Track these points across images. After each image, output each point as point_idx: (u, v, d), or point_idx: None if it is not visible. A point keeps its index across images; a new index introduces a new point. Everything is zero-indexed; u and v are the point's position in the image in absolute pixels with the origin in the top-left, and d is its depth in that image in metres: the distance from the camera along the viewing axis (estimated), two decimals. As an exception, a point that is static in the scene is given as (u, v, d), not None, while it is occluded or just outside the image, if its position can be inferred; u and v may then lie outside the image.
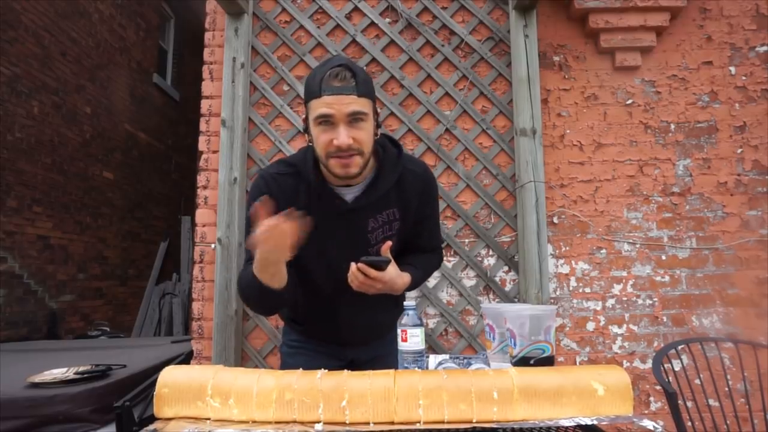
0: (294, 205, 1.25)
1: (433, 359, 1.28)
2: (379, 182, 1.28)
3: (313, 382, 0.92)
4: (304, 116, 1.24)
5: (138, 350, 2.81)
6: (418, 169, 1.36)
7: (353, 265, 1.18)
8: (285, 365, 1.48)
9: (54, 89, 5.22)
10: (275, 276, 1.13)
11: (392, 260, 1.22)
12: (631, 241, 2.43)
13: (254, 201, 1.26)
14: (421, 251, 1.43)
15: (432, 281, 2.41)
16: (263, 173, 1.32)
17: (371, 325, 1.42)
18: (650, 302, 2.40)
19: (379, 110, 1.30)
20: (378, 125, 1.26)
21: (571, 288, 2.41)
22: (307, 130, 1.23)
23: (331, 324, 1.42)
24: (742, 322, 2.36)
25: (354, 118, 1.15)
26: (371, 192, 1.28)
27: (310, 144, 1.23)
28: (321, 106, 1.14)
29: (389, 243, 1.22)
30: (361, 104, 1.15)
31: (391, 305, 1.40)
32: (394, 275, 1.22)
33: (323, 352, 1.46)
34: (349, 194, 1.28)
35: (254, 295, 1.19)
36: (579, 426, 0.92)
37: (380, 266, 1.18)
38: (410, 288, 1.35)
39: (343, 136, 1.14)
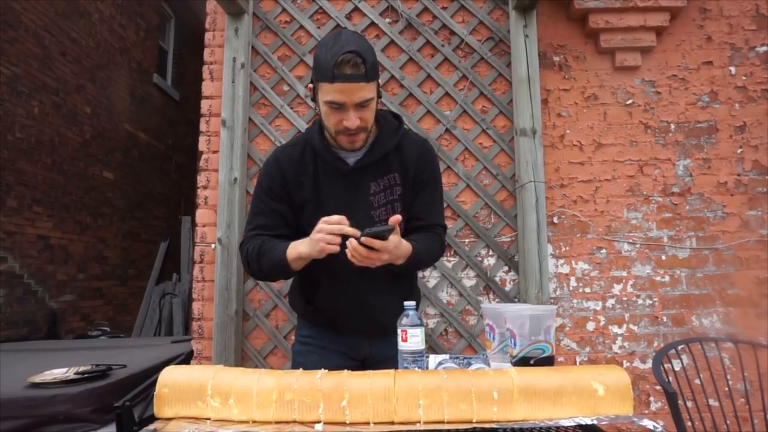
0: (301, 169, 1.39)
1: (433, 359, 1.28)
2: (379, 144, 1.38)
3: (313, 382, 0.93)
4: (310, 86, 1.31)
5: (138, 350, 2.81)
6: (418, 138, 1.48)
7: (352, 241, 1.16)
8: (296, 365, 1.47)
9: (54, 89, 5.22)
10: (303, 265, 1.30)
11: (396, 228, 1.18)
12: (631, 241, 2.43)
13: (266, 176, 1.41)
14: (421, 228, 1.42)
15: (432, 281, 2.41)
16: (275, 150, 1.47)
17: (378, 304, 1.38)
18: (650, 302, 2.40)
19: (380, 82, 1.39)
20: (380, 96, 1.35)
21: (571, 288, 2.41)
22: (314, 100, 1.32)
23: (337, 300, 1.41)
24: (742, 322, 2.36)
25: (362, 104, 1.24)
26: (372, 153, 1.37)
27: (317, 112, 1.33)
28: (333, 92, 1.22)
29: (398, 217, 1.20)
30: (369, 90, 1.24)
31: (402, 285, 1.42)
32: (397, 242, 1.21)
33: (335, 350, 1.46)
34: (351, 157, 1.37)
35: (274, 270, 1.34)
36: (579, 426, 0.92)
37: (383, 236, 1.15)
38: (411, 262, 1.30)
39: (352, 120, 1.25)
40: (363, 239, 1.13)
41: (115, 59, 6.31)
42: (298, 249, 1.25)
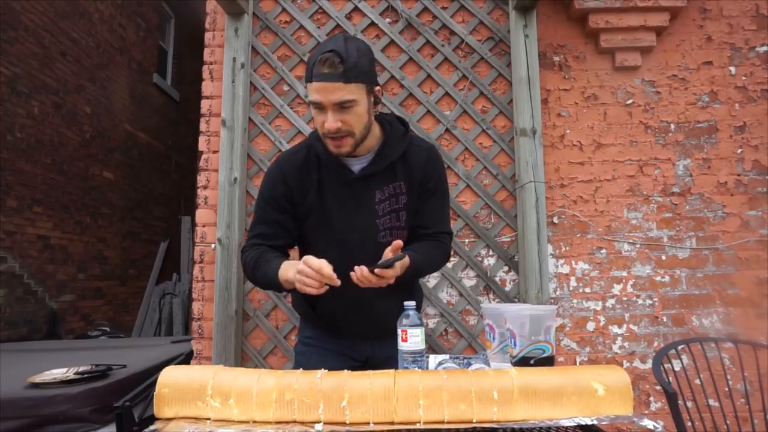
0: (305, 177, 1.36)
1: (433, 359, 1.28)
2: (385, 152, 1.35)
3: (313, 382, 0.93)
4: None
5: (138, 350, 2.81)
6: (424, 144, 1.44)
7: (362, 270, 1.17)
8: (298, 365, 1.47)
9: (54, 89, 5.22)
10: (293, 287, 1.25)
11: (405, 256, 1.22)
12: (631, 241, 2.43)
13: (267, 187, 1.39)
14: (427, 236, 1.41)
15: (432, 281, 2.41)
16: (278, 157, 1.45)
17: (380, 309, 1.38)
18: (650, 302, 2.40)
19: (378, 87, 1.31)
20: (376, 101, 1.30)
21: (571, 288, 2.41)
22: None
23: (339, 306, 1.41)
24: (742, 322, 2.36)
25: (341, 105, 1.21)
26: (377, 162, 1.34)
27: None
28: (312, 92, 1.22)
29: (400, 243, 1.20)
30: (348, 91, 1.19)
31: (404, 291, 1.40)
32: (400, 263, 1.23)
33: (337, 351, 1.46)
34: (356, 165, 1.35)
35: (268, 285, 1.33)
36: (579, 426, 0.92)
37: (392, 266, 1.19)
38: (409, 273, 1.29)
39: (330, 122, 1.21)
40: (378, 272, 1.17)
41: (115, 59, 6.31)
42: (288, 274, 1.22)
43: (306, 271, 1.15)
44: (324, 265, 1.14)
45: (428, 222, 1.41)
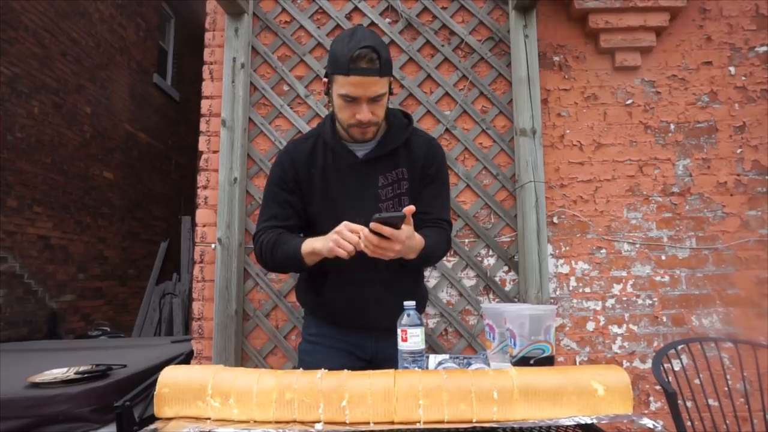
0: (312, 162, 1.43)
1: (433, 359, 1.28)
2: (388, 138, 1.42)
3: (313, 382, 0.93)
4: (325, 80, 1.35)
5: (138, 350, 2.81)
6: (426, 135, 1.53)
7: (364, 230, 1.16)
8: (303, 364, 1.48)
9: (54, 89, 5.22)
10: (317, 260, 1.31)
11: (407, 216, 1.16)
12: (631, 241, 2.43)
13: (276, 170, 1.46)
14: (427, 222, 1.42)
15: (432, 281, 2.41)
16: (287, 143, 1.55)
17: (385, 299, 1.37)
18: (650, 302, 2.40)
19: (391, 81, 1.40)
20: (391, 92, 1.39)
21: (570, 288, 2.41)
22: (328, 93, 1.36)
23: (344, 293, 1.43)
24: (741, 322, 2.36)
25: (375, 98, 1.29)
26: (381, 147, 1.41)
27: (330, 105, 1.38)
28: (348, 85, 1.27)
29: (412, 207, 1.17)
30: (382, 85, 1.29)
31: (409, 280, 1.44)
32: (409, 233, 1.20)
33: (342, 349, 1.47)
34: (361, 150, 1.42)
35: (287, 263, 1.37)
36: (579, 425, 0.93)
37: (395, 224, 1.13)
38: (422, 255, 1.31)
39: (365, 113, 1.29)
40: (372, 226, 1.12)
41: (115, 59, 6.31)
42: (313, 245, 1.28)
43: (344, 233, 1.19)
44: (364, 229, 1.17)
45: (428, 208, 1.43)
